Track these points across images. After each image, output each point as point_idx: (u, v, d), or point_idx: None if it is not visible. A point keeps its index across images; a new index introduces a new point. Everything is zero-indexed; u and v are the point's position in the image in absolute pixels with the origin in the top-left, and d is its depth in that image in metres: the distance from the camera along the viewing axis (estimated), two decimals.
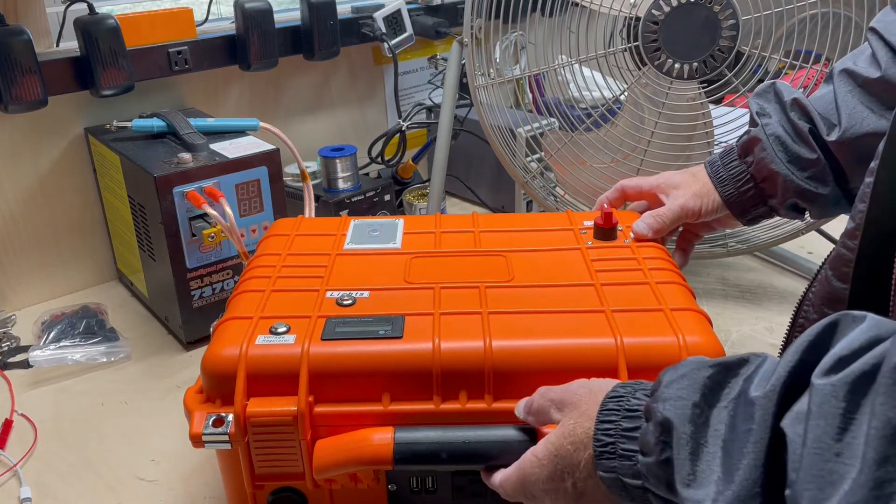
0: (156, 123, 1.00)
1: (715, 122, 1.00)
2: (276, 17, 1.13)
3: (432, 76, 1.41)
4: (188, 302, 0.93)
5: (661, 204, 0.80)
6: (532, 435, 0.56)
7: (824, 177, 0.74)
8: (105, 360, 0.91)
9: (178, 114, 1.01)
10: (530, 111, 1.08)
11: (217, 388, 0.59)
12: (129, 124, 1.01)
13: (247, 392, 0.58)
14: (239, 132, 1.02)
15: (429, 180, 1.25)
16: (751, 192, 0.78)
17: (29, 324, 0.98)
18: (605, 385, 0.51)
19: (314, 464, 0.58)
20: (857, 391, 0.34)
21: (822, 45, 0.90)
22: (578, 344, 0.59)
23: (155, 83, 1.09)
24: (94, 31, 0.97)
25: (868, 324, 0.36)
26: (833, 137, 0.71)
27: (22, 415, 0.83)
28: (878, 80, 0.68)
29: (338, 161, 1.12)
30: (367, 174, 1.24)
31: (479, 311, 0.63)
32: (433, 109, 1.28)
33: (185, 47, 1.07)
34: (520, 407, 0.57)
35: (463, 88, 1.15)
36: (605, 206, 0.82)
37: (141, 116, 1.03)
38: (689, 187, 0.80)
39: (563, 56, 1.00)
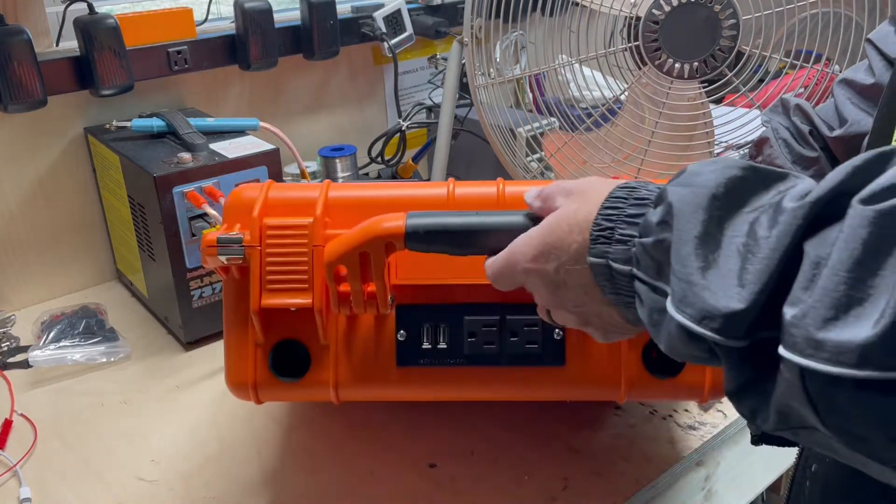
0: (155, 123, 1.00)
1: (715, 122, 1.00)
2: (276, 16, 1.13)
3: (432, 76, 1.41)
4: (188, 302, 0.93)
5: None
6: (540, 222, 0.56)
7: (825, 174, 0.74)
8: (105, 360, 0.91)
9: (177, 113, 1.01)
10: (530, 111, 1.08)
11: (237, 218, 0.62)
12: (128, 124, 1.01)
13: (265, 212, 0.62)
14: (239, 132, 1.01)
15: (429, 180, 1.25)
16: None
17: (28, 324, 0.98)
18: (622, 181, 0.49)
19: (326, 252, 0.57)
20: (890, 222, 0.32)
21: (822, 45, 0.90)
22: None
23: (155, 83, 1.09)
24: (94, 30, 0.96)
25: None
26: (834, 134, 0.73)
27: (21, 415, 0.83)
28: (871, 86, 0.70)
29: (338, 161, 1.12)
30: (366, 174, 1.24)
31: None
32: (433, 109, 1.28)
33: (185, 47, 1.07)
34: (531, 192, 0.55)
35: (463, 88, 1.15)
36: None
37: (141, 116, 1.02)
38: None
39: (564, 56, 1.00)
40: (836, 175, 0.36)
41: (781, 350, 0.34)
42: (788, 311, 0.34)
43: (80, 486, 0.74)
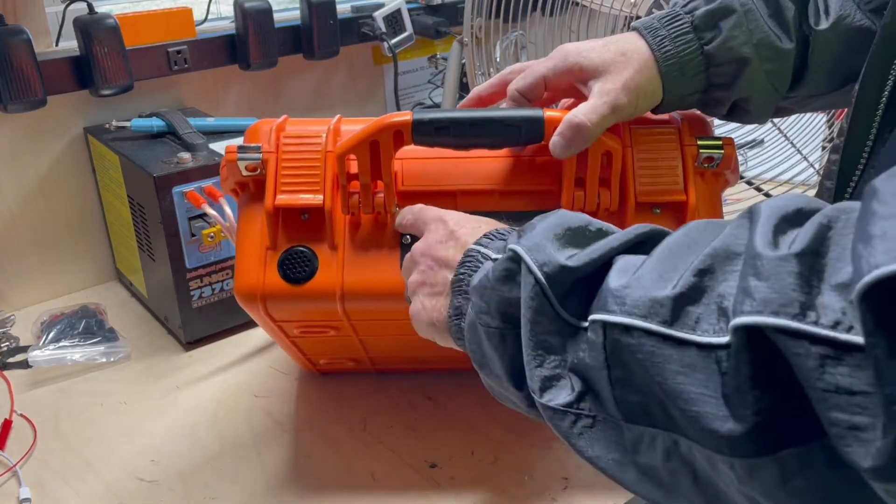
0: (155, 123, 1.00)
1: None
2: (276, 16, 1.13)
3: (432, 76, 1.41)
4: (187, 302, 0.93)
5: (582, 98, 0.61)
6: (540, 120, 0.60)
7: (785, 77, 0.62)
8: (104, 360, 0.91)
9: (177, 113, 1.01)
10: None
11: (255, 141, 0.66)
12: (128, 124, 1.01)
13: (282, 128, 0.67)
14: (239, 132, 1.01)
15: None
16: (694, 79, 0.61)
17: (28, 324, 0.97)
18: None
19: (338, 147, 0.63)
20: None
21: None
22: None
23: (154, 83, 1.08)
24: (94, 30, 0.96)
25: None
26: (823, 26, 0.61)
27: (21, 415, 0.83)
28: None
29: None
30: None
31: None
32: (433, 108, 1.28)
33: (185, 47, 1.07)
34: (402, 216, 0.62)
35: (463, 88, 1.15)
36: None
37: (140, 116, 1.02)
38: (618, 72, 0.59)
39: None
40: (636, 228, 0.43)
41: (591, 316, 0.40)
42: (606, 284, 0.40)
43: (79, 487, 0.73)
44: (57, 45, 1.03)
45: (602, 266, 0.41)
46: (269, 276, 0.65)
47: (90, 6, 0.99)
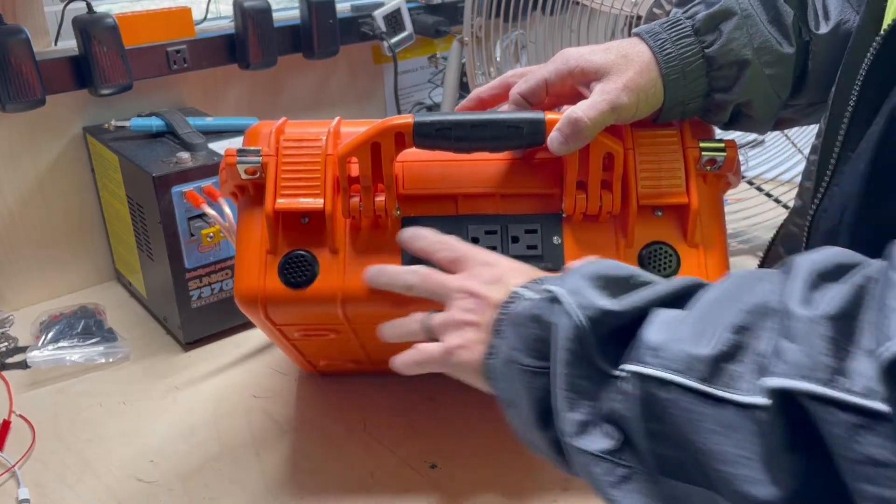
0: (154, 123, 1.00)
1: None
2: (276, 15, 1.13)
3: (432, 75, 1.41)
4: (187, 302, 0.93)
5: (581, 97, 0.61)
6: (542, 123, 0.60)
7: (786, 82, 0.62)
8: (103, 360, 0.91)
9: (176, 113, 1.01)
10: None
11: (254, 143, 0.66)
12: (127, 123, 1.01)
13: (282, 130, 0.67)
14: (238, 131, 1.01)
15: None
16: (695, 83, 0.61)
17: (27, 324, 0.97)
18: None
19: (339, 150, 0.62)
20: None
21: None
22: None
23: (153, 82, 1.08)
24: (93, 30, 0.96)
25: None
26: (823, 30, 0.61)
27: (20, 415, 0.83)
28: None
29: None
30: None
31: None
32: (433, 109, 1.28)
33: (184, 46, 1.07)
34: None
35: (463, 87, 1.15)
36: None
37: (139, 116, 1.02)
38: (619, 74, 0.59)
39: None
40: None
41: (624, 366, 0.40)
42: (640, 333, 0.40)
43: (78, 487, 0.73)
44: (56, 44, 1.03)
45: (640, 317, 0.40)
46: (270, 280, 0.65)
47: (89, 5, 0.98)
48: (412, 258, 0.63)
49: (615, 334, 0.41)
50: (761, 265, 0.67)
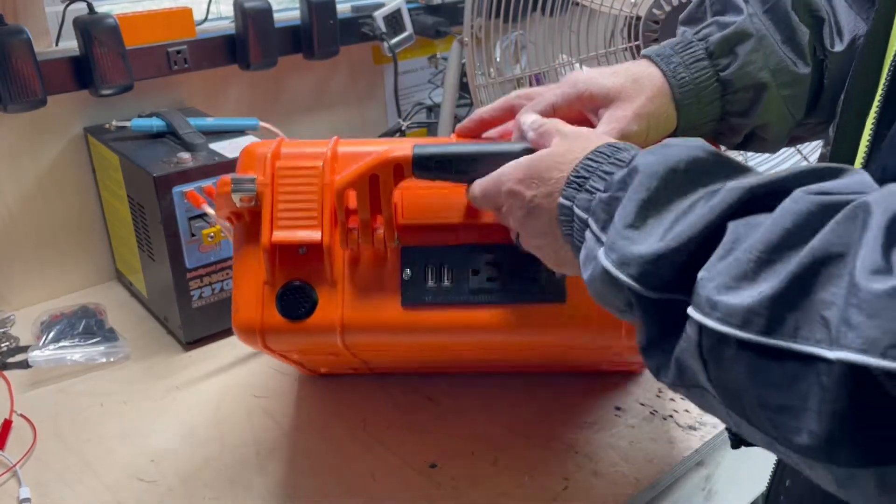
0: (155, 123, 1.00)
1: None
2: (276, 16, 1.13)
3: (432, 76, 1.41)
4: (187, 302, 0.93)
5: (590, 125, 0.60)
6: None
7: (801, 102, 0.61)
8: (104, 360, 0.91)
9: (177, 113, 1.01)
10: None
11: (249, 167, 0.64)
12: (128, 124, 1.01)
13: (276, 156, 0.65)
14: (238, 132, 1.01)
15: None
16: (709, 107, 0.60)
17: (28, 324, 0.97)
18: (611, 139, 0.51)
19: (337, 182, 0.60)
20: (819, 216, 0.34)
21: None
22: None
23: (154, 83, 1.08)
24: (94, 30, 0.96)
25: (863, 177, 0.37)
26: (839, 48, 0.59)
27: (21, 415, 0.83)
28: None
29: None
30: None
31: None
32: (433, 109, 1.28)
33: (185, 47, 1.07)
34: (528, 117, 0.57)
35: (463, 88, 1.15)
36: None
37: (140, 116, 1.02)
38: (630, 100, 0.58)
39: (564, 55, 1.00)
40: (782, 172, 0.38)
41: (689, 309, 0.37)
42: (700, 274, 0.37)
43: (79, 487, 0.73)
44: (57, 44, 1.03)
45: (704, 241, 0.38)
46: (268, 312, 0.64)
47: (90, 6, 0.98)
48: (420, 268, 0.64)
49: (679, 267, 0.39)
50: None
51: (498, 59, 1.04)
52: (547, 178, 0.50)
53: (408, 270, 0.64)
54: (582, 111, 0.60)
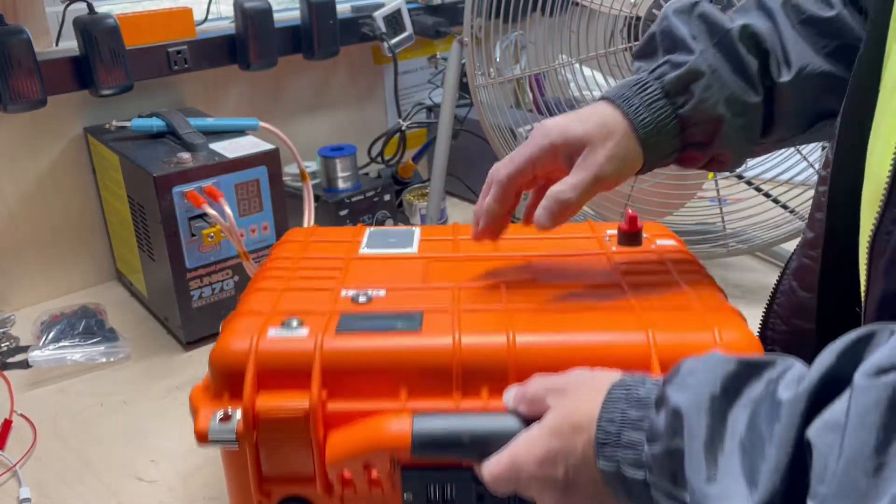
0: (155, 123, 1.00)
1: None
2: (276, 16, 1.13)
3: (432, 76, 1.41)
4: (187, 302, 0.93)
5: (562, 174, 0.61)
6: None
7: (755, 129, 0.63)
8: (104, 360, 0.91)
9: (177, 113, 1.01)
10: (531, 111, 1.07)
11: (225, 383, 0.57)
12: (128, 124, 1.01)
13: (256, 386, 0.56)
14: (238, 132, 1.01)
15: (429, 180, 1.25)
16: (671, 142, 0.61)
17: (28, 324, 0.97)
18: (610, 375, 0.49)
19: (328, 454, 0.55)
20: None
21: None
22: (607, 340, 0.57)
23: (154, 83, 1.09)
24: (94, 30, 0.96)
25: None
26: (786, 78, 0.61)
27: (21, 415, 0.83)
28: (829, 20, 0.61)
29: (337, 161, 1.12)
30: (366, 174, 1.24)
31: (500, 308, 0.61)
32: (433, 109, 1.28)
33: (185, 47, 1.07)
34: (509, 395, 0.53)
35: (463, 88, 1.15)
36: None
37: (140, 116, 1.02)
38: (601, 145, 0.59)
39: (564, 56, 1.00)
40: (824, 360, 0.36)
41: None
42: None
43: (79, 487, 0.73)
44: (57, 44, 1.03)
45: (791, 469, 0.35)
46: None
47: (90, 6, 0.99)
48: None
49: None
50: (772, 297, 0.66)
51: (498, 60, 1.04)
52: (571, 448, 0.47)
53: (408, 494, 0.59)
54: (558, 161, 0.61)
